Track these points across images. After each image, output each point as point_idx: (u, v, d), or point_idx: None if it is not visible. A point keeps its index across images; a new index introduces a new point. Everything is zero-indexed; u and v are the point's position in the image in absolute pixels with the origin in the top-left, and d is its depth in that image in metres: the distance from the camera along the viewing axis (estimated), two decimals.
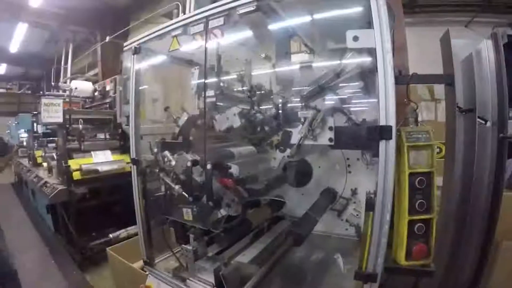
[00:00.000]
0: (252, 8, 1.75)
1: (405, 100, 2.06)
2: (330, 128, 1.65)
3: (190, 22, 1.97)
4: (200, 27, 1.91)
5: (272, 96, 2.45)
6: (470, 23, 6.64)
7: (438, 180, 2.02)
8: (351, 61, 1.93)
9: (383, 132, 1.43)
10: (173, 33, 2.07)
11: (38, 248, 4.73)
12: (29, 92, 18.86)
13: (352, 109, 2.15)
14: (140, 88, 2.36)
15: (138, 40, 2.32)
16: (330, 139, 1.65)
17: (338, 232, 2.48)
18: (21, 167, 7.52)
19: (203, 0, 2.18)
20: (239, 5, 1.79)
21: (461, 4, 6.65)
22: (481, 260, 2.19)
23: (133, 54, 2.29)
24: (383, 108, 1.45)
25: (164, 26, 2.15)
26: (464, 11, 6.67)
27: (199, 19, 1.93)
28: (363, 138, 1.61)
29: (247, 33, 2.15)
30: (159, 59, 2.51)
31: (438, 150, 2.70)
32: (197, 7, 2.18)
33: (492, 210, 2.09)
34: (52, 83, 9.85)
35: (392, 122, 1.44)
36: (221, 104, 2.05)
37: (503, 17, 6.46)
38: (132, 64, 2.29)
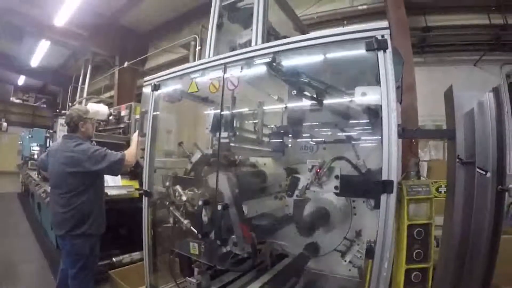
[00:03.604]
0: (268, 60, 1.90)
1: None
2: (337, 177, 1.73)
3: (209, 67, 2.13)
4: (219, 72, 2.06)
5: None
6: (479, 61, 6.75)
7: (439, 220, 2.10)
8: (359, 107, 2.05)
9: (385, 186, 1.52)
10: (192, 76, 2.21)
11: (38, 261, 4.80)
12: (45, 106, 19.40)
13: (357, 152, 2.27)
14: (156, 122, 2.49)
15: (157, 77, 2.47)
16: (336, 187, 1.73)
17: (341, 272, 2.50)
18: (30, 179, 7.66)
19: (221, 46, 2.32)
20: (256, 56, 1.93)
21: (470, 44, 6.79)
22: None
23: (152, 91, 2.44)
24: (386, 163, 1.54)
25: (183, 67, 2.30)
26: (473, 50, 6.80)
27: (218, 65, 2.08)
28: (367, 188, 1.70)
29: (262, 77, 2.28)
30: (176, 95, 2.63)
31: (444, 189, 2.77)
32: (215, 51, 2.32)
33: (490, 256, 2.13)
34: (69, 102, 10.14)
35: (393, 176, 1.52)
36: (234, 144, 2.16)
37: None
38: (151, 101, 2.42)
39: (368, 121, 2.16)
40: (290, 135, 2.53)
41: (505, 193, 2.10)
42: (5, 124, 18.07)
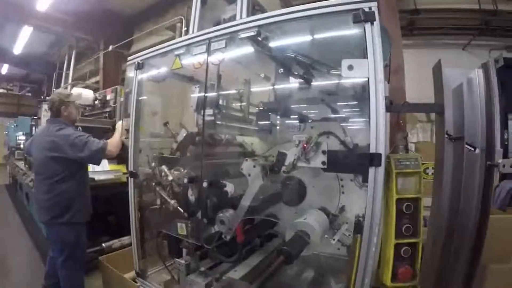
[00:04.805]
0: (253, 33, 1.84)
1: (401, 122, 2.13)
2: (323, 152, 1.70)
3: (193, 43, 2.05)
4: (203, 48, 1.99)
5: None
6: (467, 46, 6.77)
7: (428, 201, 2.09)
8: (347, 84, 2.01)
9: (373, 159, 1.49)
10: (176, 52, 2.14)
11: (29, 252, 4.75)
12: (30, 94, 18.96)
13: (346, 130, 2.24)
14: (141, 102, 2.43)
15: (141, 56, 2.39)
16: (323, 162, 1.70)
17: (330, 251, 2.49)
18: (17, 170, 7.53)
19: (206, 23, 2.25)
20: (240, 30, 1.87)
21: (459, 28, 6.79)
22: (468, 283, 2.23)
23: (136, 70, 2.36)
24: (374, 136, 1.51)
25: (167, 44, 2.22)
26: (461, 34, 6.81)
27: (202, 40, 2.01)
28: (354, 162, 1.67)
29: (248, 54, 2.22)
30: (161, 74, 2.56)
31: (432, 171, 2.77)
32: (199, 27, 2.25)
33: (478, 234, 2.14)
34: (53, 89, 9.90)
35: (381, 149, 1.50)
36: (220, 122, 2.11)
37: (500, 40, 6.61)
38: (134, 79, 2.35)
39: (355, 98, 2.13)
40: (277, 113, 2.48)
41: (494, 169, 2.10)
42: None
